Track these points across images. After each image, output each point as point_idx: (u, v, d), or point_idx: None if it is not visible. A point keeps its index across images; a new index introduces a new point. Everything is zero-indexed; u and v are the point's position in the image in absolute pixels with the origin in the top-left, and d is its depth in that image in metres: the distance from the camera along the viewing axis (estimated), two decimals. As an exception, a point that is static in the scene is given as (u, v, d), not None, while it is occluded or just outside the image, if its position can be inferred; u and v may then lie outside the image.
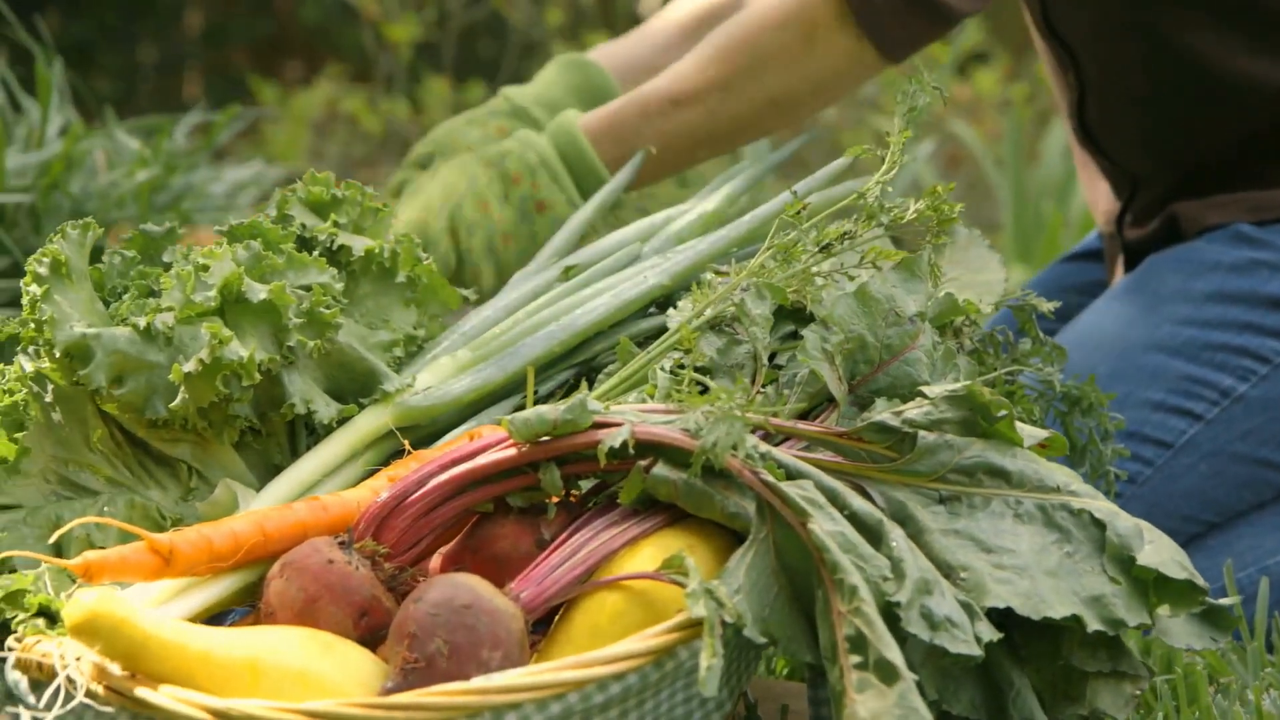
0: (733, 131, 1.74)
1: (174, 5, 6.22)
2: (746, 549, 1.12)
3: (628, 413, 1.20)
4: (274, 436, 1.34)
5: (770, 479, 1.13)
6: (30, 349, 1.28)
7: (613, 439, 1.16)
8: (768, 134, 1.83)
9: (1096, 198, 1.98)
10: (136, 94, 5.64)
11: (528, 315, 1.44)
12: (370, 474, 1.31)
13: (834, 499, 1.15)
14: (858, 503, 1.15)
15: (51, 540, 1.17)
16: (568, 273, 1.52)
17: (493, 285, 1.65)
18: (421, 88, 4.95)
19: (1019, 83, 5.31)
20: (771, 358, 1.34)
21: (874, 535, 1.13)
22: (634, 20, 5.66)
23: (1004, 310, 1.54)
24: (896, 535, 1.13)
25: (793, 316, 1.37)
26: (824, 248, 1.35)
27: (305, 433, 1.35)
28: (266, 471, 1.33)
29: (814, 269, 1.34)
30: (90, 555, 1.13)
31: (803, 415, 1.27)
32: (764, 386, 1.29)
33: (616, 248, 1.54)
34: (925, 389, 1.21)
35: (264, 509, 1.24)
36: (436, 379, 1.38)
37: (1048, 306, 1.46)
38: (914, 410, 1.20)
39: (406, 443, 1.31)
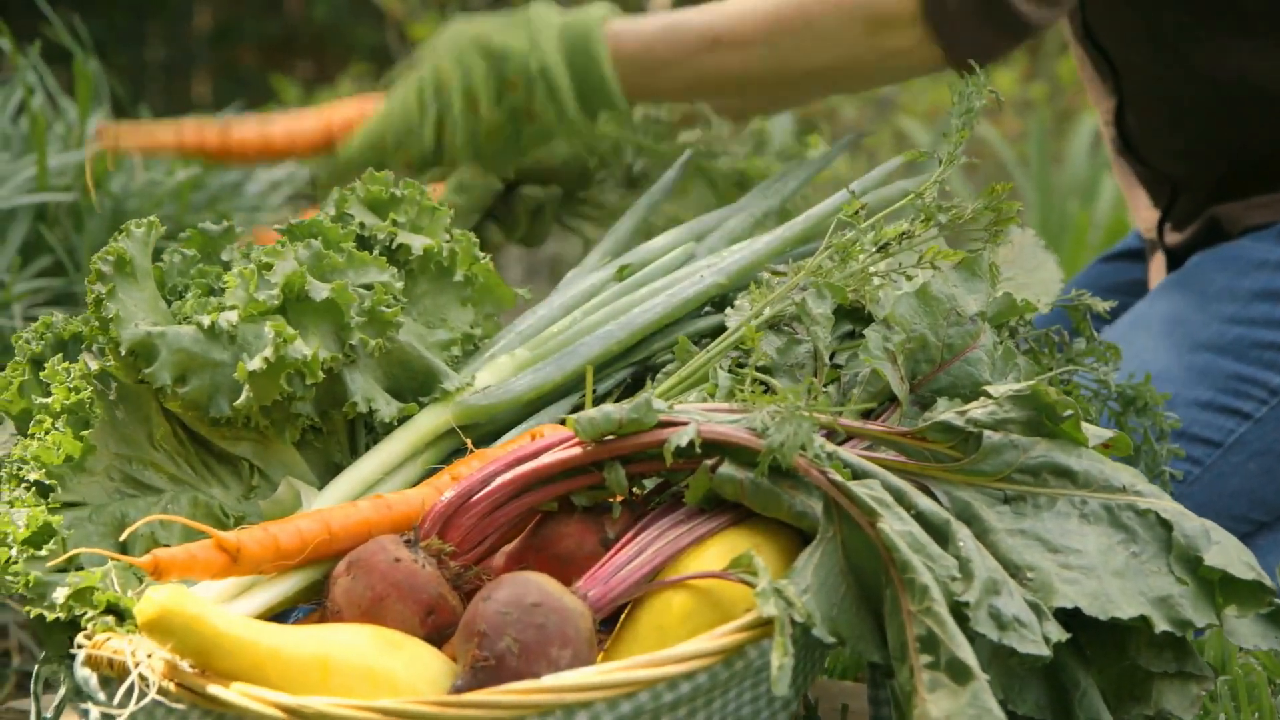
0: (766, 90, 1.69)
1: (183, 4, 6.22)
2: (814, 548, 1.12)
3: (692, 412, 1.20)
4: (334, 435, 1.34)
5: (838, 478, 1.13)
6: (94, 347, 1.28)
7: (679, 438, 1.16)
8: (796, 104, 1.79)
9: (1136, 204, 1.97)
10: (146, 93, 5.65)
11: (585, 314, 1.45)
12: (430, 473, 1.31)
13: (901, 498, 1.15)
14: (924, 502, 1.15)
15: (121, 538, 1.18)
16: (622, 272, 1.52)
17: (468, 175, 1.62)
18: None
19: (1037, 82, 5.31)
20: (830, 357, 1.34)
21: (941, 535, 1.13)
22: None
23: (1056, 310, 1.54)
24: (964, 535, 1.13)
25: (849, 316, 1.37)
26: (882, 247, 1.35)
27: (365, 431, 1.35)
28: (327, 470, 1.33)
29: (872, 269, 1.34)
30: (159, 552, 1.13)
31: (864, 415, 1.27)
32: (826, 386, 1.29)
33: (670, 247, 1.54)
34: (989, 388, 1.21)
35: (329, 507, 1.24)
36: (495, 378, 1.38)
37: (1103, 306, 1.46)
38: (978, 410, 1.20)
39: (469, 441, 1.31)
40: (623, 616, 1.17)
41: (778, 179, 1.64)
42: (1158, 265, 1.93)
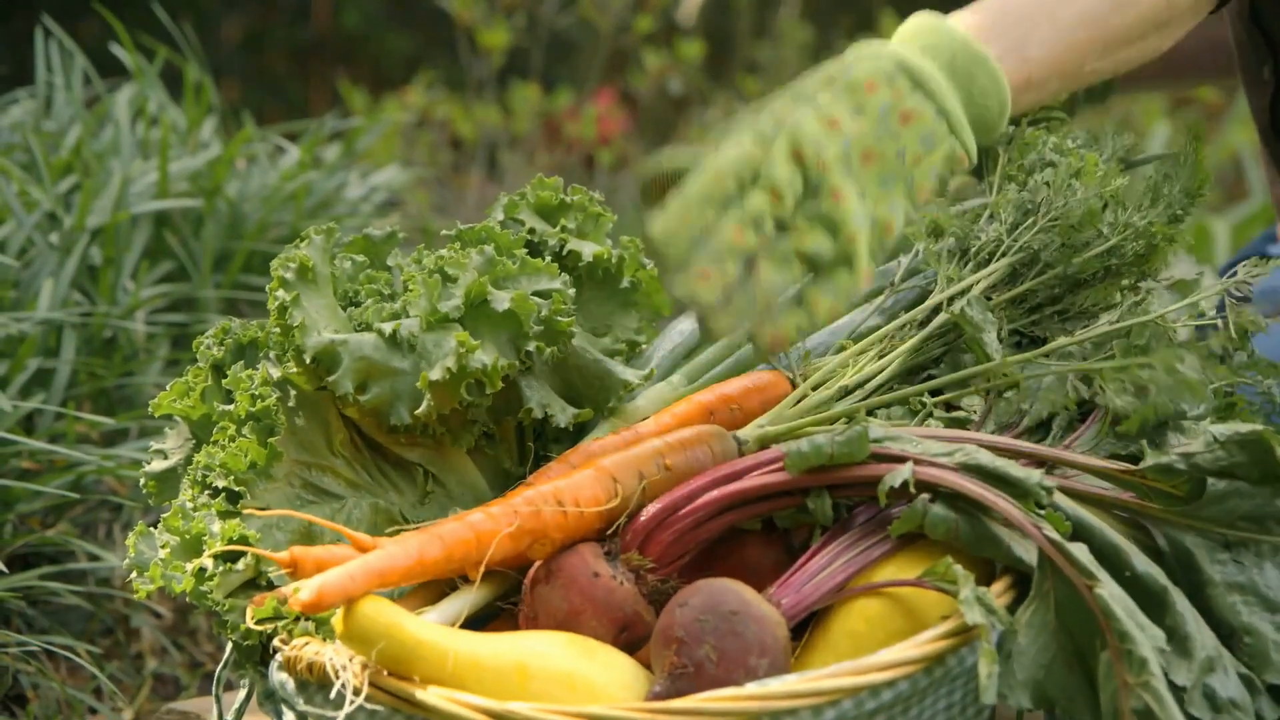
0: (1121, 36, 1.34)
1: (213, 12, 6.24)
2: (1026, 606, 1.11)
3: (905, 441, 1.18)
4: (505, 442, 1.34)
5: (1055, 536, 1.10)
6: (272, 354, 1.29)
7: (894, 478, 1.14)
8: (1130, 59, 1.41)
9: None
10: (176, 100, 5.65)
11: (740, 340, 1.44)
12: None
13: (1116, 557, 1.13)
14: (1141, 564, 1.14)
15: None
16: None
17: (855, 213, 1.19)
18: (511, 94, 4.96)
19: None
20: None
21: (1159, 602, 1.12)
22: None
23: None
24: (1183, 605, 1.12)
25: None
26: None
27: (534, 439, 1.35)
28: (497, 477, 1.34)
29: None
30: (296, 550, 1.12)
31: (1044, 423, 1.27)
32: (1003, 394, 1.29)
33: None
34: (1213, 429, 1.17)
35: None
36: (654, 406, 1.37)
37: (1265, 323, 1.45)
38: (1200, 453, 1.17)
39: None
40: (812, 624, 1.17)
41: None
42: (1306, 268, 1.91)
